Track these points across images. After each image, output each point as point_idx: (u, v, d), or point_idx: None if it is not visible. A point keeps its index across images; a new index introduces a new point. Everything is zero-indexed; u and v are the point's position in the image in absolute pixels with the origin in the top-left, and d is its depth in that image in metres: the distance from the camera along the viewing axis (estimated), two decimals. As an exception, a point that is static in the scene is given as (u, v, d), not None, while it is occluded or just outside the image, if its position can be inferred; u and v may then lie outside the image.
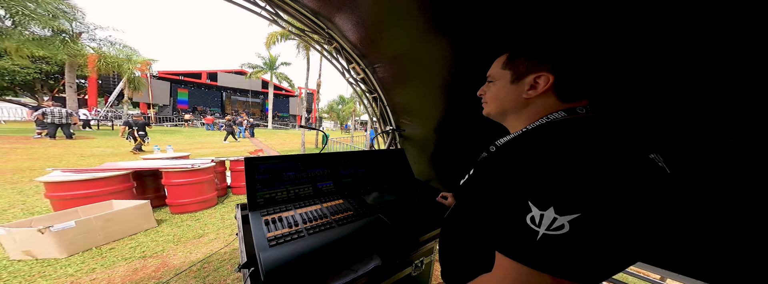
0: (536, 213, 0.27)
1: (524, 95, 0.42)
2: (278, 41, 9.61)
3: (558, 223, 0.26)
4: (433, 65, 1.13)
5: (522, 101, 0.43)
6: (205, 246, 1.91)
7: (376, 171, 1.16)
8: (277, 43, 9.65)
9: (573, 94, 0.40)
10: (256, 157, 0.89)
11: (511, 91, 0.44)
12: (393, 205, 0.93)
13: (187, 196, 2.61)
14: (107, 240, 1.90)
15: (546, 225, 0.26)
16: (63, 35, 9.04)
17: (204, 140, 9.58)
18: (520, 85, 0.43)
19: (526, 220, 0.28)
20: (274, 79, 17.70)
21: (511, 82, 0.44)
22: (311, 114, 17.51)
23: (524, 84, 0.42)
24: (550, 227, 0.26)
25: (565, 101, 0.40)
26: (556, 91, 0.40)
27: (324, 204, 0.86)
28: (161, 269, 1.58)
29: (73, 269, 1.54)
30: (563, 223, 0.25)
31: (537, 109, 0.42)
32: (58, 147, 5.92)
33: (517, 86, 0.43)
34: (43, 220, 1.81)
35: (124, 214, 2.04)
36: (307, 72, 9.57)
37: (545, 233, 0.26)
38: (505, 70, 0.45)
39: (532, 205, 0.28)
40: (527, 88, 0.41)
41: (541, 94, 0.41)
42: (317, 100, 10.71)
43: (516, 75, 0.43)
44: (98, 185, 2.19)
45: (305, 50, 9.68)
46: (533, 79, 0.40)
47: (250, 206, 0.79)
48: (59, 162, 4.48)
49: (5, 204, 2.53)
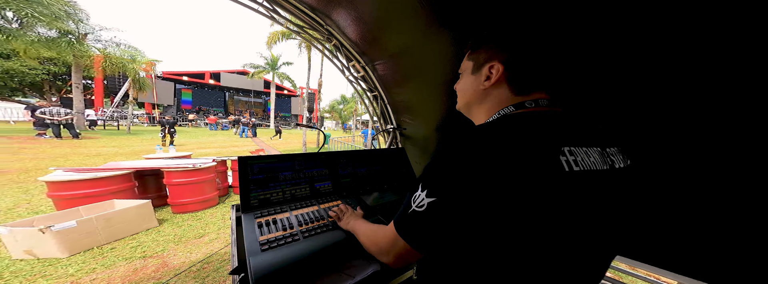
0: (418, 193, 0.32)
1: (481, 86, 0.41)
2: (280, 40, 9.66)
3: (423, 202, 0.31)
4: (435, 62, 1.09)
5: (480, 93, 0.41)
6: (205, 246, 1.91)
7: (376, 170, 1.12)
8: (279, 43, 9.70)
9: (525, 86, 0.38)
10: (249, 157, 0.86)
11: (472, 82, 0.43)
12: (393, 206, 0.90)
13: (189, 196, 2.61)
14: (108, 240, 1.90)
15: (416, 203, 0.32)
16: (69, 36, 9.18)
17: (207, 140, 9.74)
18: (478, 75, 0.41)
19: (411, 197, 0.33)
20: (276, 78, 17.77)
21: (472, 72, 0.43)
22: (313, 113, 17.56)
23: (482, 74, 0.40)
24: (418, 205, 0.32)
25: (518, 93, 0.38)
26: (509, 82, 0.38)
27: (321, 206, 0.83)
28: (161, 269, 1.58)
29: (73, 269, 1.54)
30: (425, 203, 0.31)
31: (493, 102, 0.40)
32: (64, 147, 6.02)
33: (476, 77, 0.42)
34: (45, 220, 1.82)
35: (126, 214, 2.04)
36: (309, 71, 9.61)
37: (414, 209, 0.32)
38: (469, 61, 0.44)
39: (419, 186, 0.33)
40: (483, 78, 0.40)
41: (495, 85, 0.39)
42: (319, 99, 10.75)
43: (476, 65, 0.42)
44: (100, 184, 2.20)
45: (306, 50, 9.71)
46: (488, 69, 0.39)
47: (243, 207, 0.76)
48: (65, 162, 4.54)
49: (10, 204, 2.56)
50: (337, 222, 0.72)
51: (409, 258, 0.36)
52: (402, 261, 0.37)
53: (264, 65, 16.61)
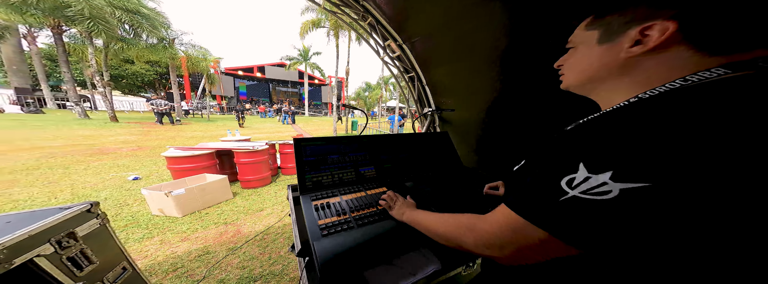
0: (581, 176, 0.26)
1: (622, 54, 0.33)
2: (310, 30, 9.95)
3: (604, 188, 0.24)
4: (484, 36, 0.93)
5: (619, 63, 0.34)
6: (264, 219, 2.28)
7: (417, 156, 1.06)
8: (310, 32, 10.02)
9: (727, 43, 0.27)
10: (303, 139, 0.90)
11: (600, 53, 0.36)
12: (445, 195, 0.84)
13: (251, 174, 3.11)
14: (203, 207, 2.46)
15: (584, 189, 0.25)
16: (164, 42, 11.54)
17: (259, 126, 11.45)
18: (614, 44, 0.34)
19: (561, 182, 0.27)
20: (308, 69, 18.88)
21: (600, 41, 0.36)
22: (340, 101, 18.29)
23: (622, 41, 0.33)
24: (588, 191, 0.25)
25: (715, 53, 0.28)
26: (692, 41, 0.28)
27: (368, 192, 0.82)
28: (236, 235, 1.97)
29: (185, 227, 2.07)
30: (612, 189, 0.24)
31: (651, 72, 0.31)
32: (172, 131, 7.99)
33: (610, 46, 0.35)
34: (167, 186, 2.45)
35: (213, 186, 2.57)
36: (337, 59, 9.74)
37: (576, 195, 0.25)
38: (590, 31, 0.38)
39: (582, 167, 0.26)
40: (628, 44, 0.32)
41: (655, 50, 0.30)
42: (346, 86, 11.00)
43: (607, 32, 0.35)
44: (196, 161, 2.81)
45: (335, 37, 9.77)
46: (638, 32, 0.31)
47: (300, 188, 0.81)
48: (174, 142, 6.06)
49: (148, 172, 3.59)
50: (389, 211, 0.69)
51: (544, 253, 0.29)
52: (528, 257, 0.30)
53: (297, 56, 17.79)
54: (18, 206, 2.32)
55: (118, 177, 3.27)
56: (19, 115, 10.11)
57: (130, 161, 4.09)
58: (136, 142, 5.76)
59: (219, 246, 1.79)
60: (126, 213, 2.26)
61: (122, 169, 3.64)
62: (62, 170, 3.43)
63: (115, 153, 4.61)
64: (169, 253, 1.67)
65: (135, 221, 2.11)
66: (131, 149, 5.02)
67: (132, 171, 3.58)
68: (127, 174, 3.40)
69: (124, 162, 4.03)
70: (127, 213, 2.26)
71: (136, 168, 3.75)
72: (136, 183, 3.10)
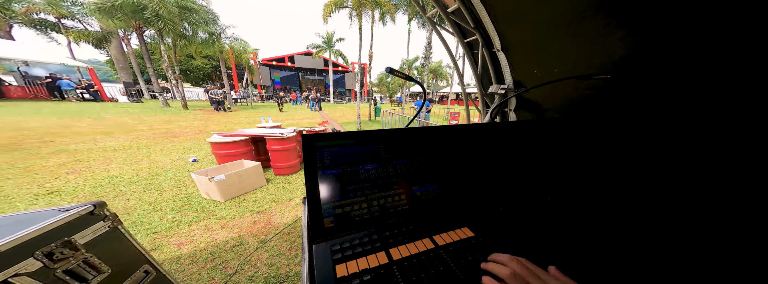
0: None
1: None
2: (334, 11, 9.43)
3: None
4: None
5: None
6: (292, 211, 2.26)
7: (519, 164, 0.64)
8: (333, 14, 9.51)
9: None
10: (317, 135, 0.51)
11: None
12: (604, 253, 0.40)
13: (281, 161, 3.15)
14: (241, 192, 2.60)
15: None
16: (213, 36, 12.76)
17: (291, 113, 12.33)
18: None
19: None
20: (332, 56, 18.67)
21: None
22: (364, 87, 17.86)
23: None
24: None
25: None
26: None
27: (435, 238, 0.46)
28: (267, 226, 1.99)
29: (225, 212, 2.20)
30: None
31: None
32: (224, 118, 9.13)
33: None
34: (211, 171, 2.65)
35: (249, 172, 2.67)
36: (360, 41, 9.13)
37: None
38: None
39: None
40: None
41: None
42: (369, 71, 10.48)
43: None
44: (235, 147, 2.96)
45: (358, 18, 9.08)
46: None
47: (313, 230, 0.46)
48: (224, 127, 6.86)
49: (204, 155, 4.07)
50: None
51: None
52: None
53: (321, 43, 17.63)
54: (114, 180, 2.84)
55: (183, 158, 3.80)
56: (125, 104, 13.03)
57: (192, 144, 4.75)
58: (198, 127, 6.73)
59: (251, 236, 1.83)
60: (183, 194, 2.54)
61: (186, 151, 4.23)
62: (146, 150, 4.19)
63: (182, 136, 5.45)
64: (210, 240, 1.77)
65: (189, 203, 2.34)
66: (194, 133, 5.86)
67: (193, 153, 4.13)
68: (188, 155, 3.93)
69: (188, 144, 4.71)
70: (184, 194, 2.54)
71: (197, 150, 4.32)
72: (195, 165, 3.54)
